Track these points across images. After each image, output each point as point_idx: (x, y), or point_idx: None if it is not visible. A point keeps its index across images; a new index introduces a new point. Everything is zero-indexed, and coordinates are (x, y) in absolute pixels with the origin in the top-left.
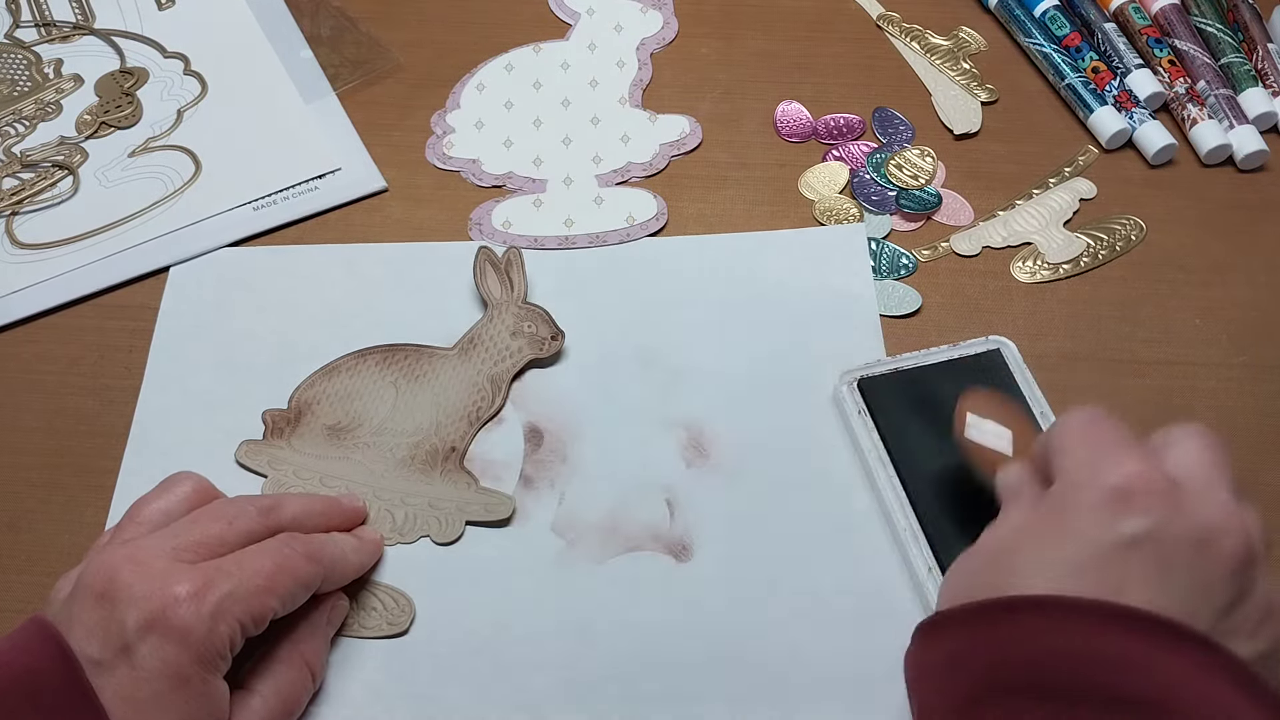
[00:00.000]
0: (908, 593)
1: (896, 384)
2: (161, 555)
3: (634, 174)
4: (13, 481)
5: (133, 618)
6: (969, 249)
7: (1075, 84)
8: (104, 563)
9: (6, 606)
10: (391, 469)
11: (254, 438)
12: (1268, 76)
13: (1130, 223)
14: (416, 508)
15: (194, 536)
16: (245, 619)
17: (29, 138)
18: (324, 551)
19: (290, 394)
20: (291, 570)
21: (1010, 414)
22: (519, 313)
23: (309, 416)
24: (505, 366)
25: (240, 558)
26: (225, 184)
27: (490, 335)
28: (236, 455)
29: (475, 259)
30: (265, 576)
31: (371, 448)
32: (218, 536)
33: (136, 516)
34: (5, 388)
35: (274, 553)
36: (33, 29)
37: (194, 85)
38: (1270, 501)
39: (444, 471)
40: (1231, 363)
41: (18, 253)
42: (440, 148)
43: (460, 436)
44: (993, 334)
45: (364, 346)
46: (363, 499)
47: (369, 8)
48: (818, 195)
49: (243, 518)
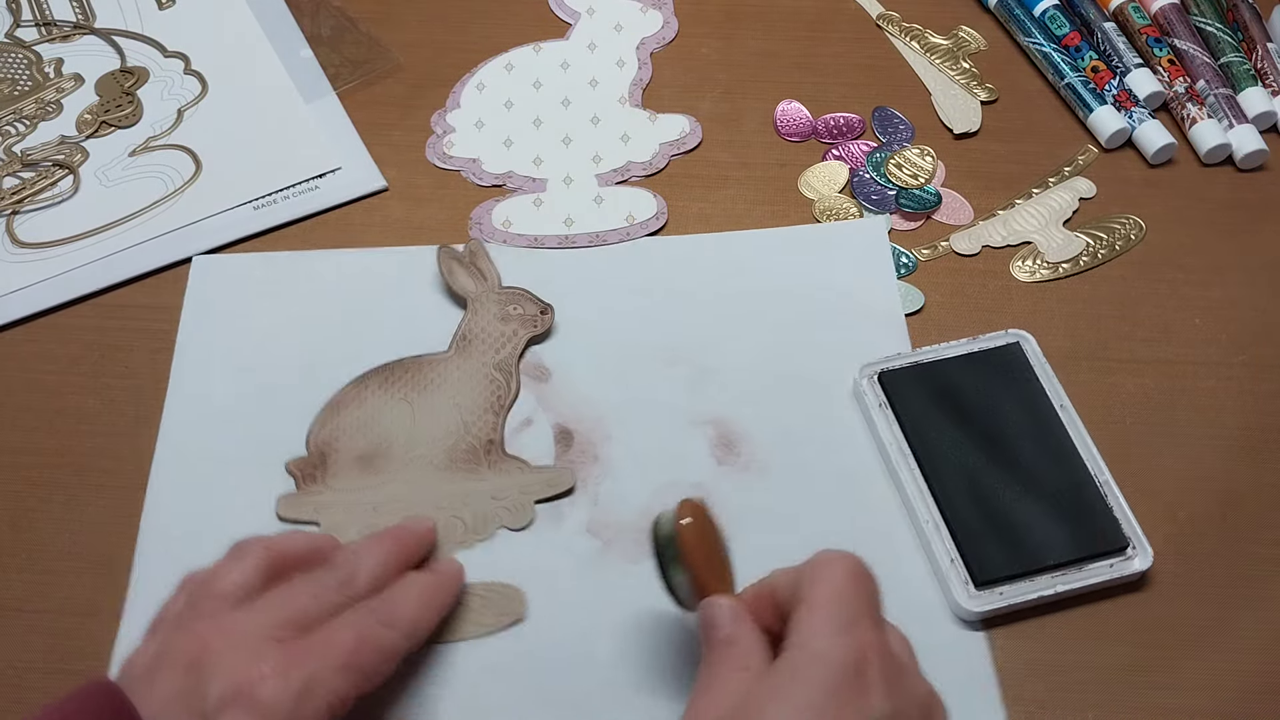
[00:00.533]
0: (930, 582)
1: (917, 377)
2: (253, 631)
3: (634, 173)
4: (13, 481)
5: (216, 690)
6: (969, 248)
7: (1075, 83)
8: (197, 634)
9: (6, 605)
10: (438, 478)
11: (283, 460)
12: (1267, 76)
13: (1130, 222)
14: (481, 505)
15: (282, 614)
16: (332, 698)
17: (29, 137)
18: (399, 615)
19: (306, 433)
20: (374, 641)
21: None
22: (500, 298)
23: (334, 455)
24: (507, 351)
25: (323, 634)
26: (225, 183)
27: (480, 327)
28: (278, 511)
29: (438, 262)
30: (349, 653)
31: (410, 465)
32: (304, 614)
33: (213, 590)
34: (5, 388)
35: (355, 625)
36: (33, 28)
37: (194, 85)
38: (1270, 502)
39: (491, 464)
40: (1231, 362)
41: (18, 252)
42: (440, 147)
43: (491, 428)
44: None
45: (362, 372)
46: (428, 517)
47: (369, 8)
48: (818, 194)
49: (325, 595)
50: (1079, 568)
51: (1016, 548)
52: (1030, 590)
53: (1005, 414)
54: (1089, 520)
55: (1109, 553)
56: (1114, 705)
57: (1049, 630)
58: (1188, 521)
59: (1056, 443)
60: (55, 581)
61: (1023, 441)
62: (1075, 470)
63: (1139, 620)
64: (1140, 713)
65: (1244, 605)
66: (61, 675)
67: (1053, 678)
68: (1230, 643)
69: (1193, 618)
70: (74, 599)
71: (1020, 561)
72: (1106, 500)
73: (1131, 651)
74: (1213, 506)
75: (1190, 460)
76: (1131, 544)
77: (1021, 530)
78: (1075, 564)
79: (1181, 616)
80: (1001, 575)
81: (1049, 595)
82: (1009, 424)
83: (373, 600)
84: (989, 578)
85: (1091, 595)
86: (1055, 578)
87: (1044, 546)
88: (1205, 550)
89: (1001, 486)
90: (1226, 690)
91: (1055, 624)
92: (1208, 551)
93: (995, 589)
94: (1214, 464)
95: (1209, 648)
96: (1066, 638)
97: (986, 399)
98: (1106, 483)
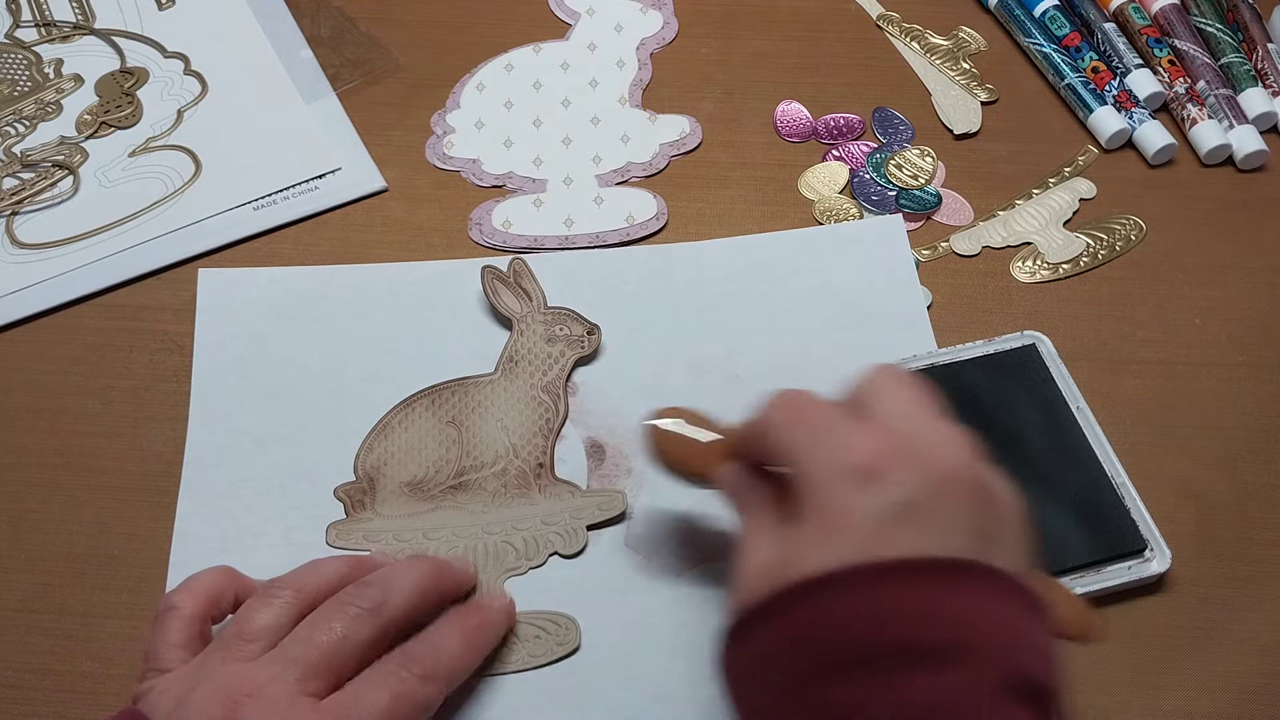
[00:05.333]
0: None
1: (933, 379)
2: (285, 690)
3: (634, 174)
4: (13, 481)
5: None
6: (969, 249)
7: (1075, 84)
8: (224, 687)
9: (6, 606)
10: (489, 503)
11: (309, 480)
12: (1267, 76)
13: (1130, 223)
14: (532, 530)
15: (312, 659)
16: None
17: (29, 137)
18: (439, 665)
19: (354, 458)
20: (410, 699)
21: (698, 422)
22: (546, 319)
23: (383, 480)
24: (554, 373)
25: (358, 693)
26: (225, 184)
27: (527, 348)
28: (328, 539)
29: (482, 281)
30: (384, 712)
31: (459, 490)
32: (335, 653)
33: (244, 633)
34: (5, 388)
35: (390, 681)
36: (33, 29)
37: (194, 85)
38: (1271, 502)
39: (542, 488)
40: (1231, 362)
41: (18, 253)
42: (440, 148)
43: (541, 451)
44: (997, 334)
45: (407, 393)
46: (468, 559)
47: (369, 8)
48: (818, 195)
49: (355, 626)
50: (1097, 570)
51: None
52: None
53: (1022, 416)
54: (1107, 522)
55: (1127, 555)
56: (1114, 705)
57: None
58: (1187, 522)
59: (1073, 444)
60: (55, 582)
61: (1039, 443)
62: (1092, 472)
63: (1139, 621)
64: (1140, 713)
65: (1244, 606)
66: (62, 675)
67: None
68: (1230, 643)
69: (1193, 618)
70: (74, 599)
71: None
72: (1124, 502)
73: (1131, 653)
74: (1213, 507)
75: (1190, 461)
76: (1150, 546)
77: (1039, 532)
78: (1093, 566)
79: (1181, 617)
80: None
81: None
82: (1025, 426)
83: (412, 646)
84: None
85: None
86: (1074, 580)
87: (1062, 549)
88: (1205, 551)
89: (1018, 488)
90: (1227, 691)
91: None
92: (1207, 552)
93: None
94: (1214, 464)
95: (1209, 648)
96: None
97: (1003, 401)
98: (1123, 484)
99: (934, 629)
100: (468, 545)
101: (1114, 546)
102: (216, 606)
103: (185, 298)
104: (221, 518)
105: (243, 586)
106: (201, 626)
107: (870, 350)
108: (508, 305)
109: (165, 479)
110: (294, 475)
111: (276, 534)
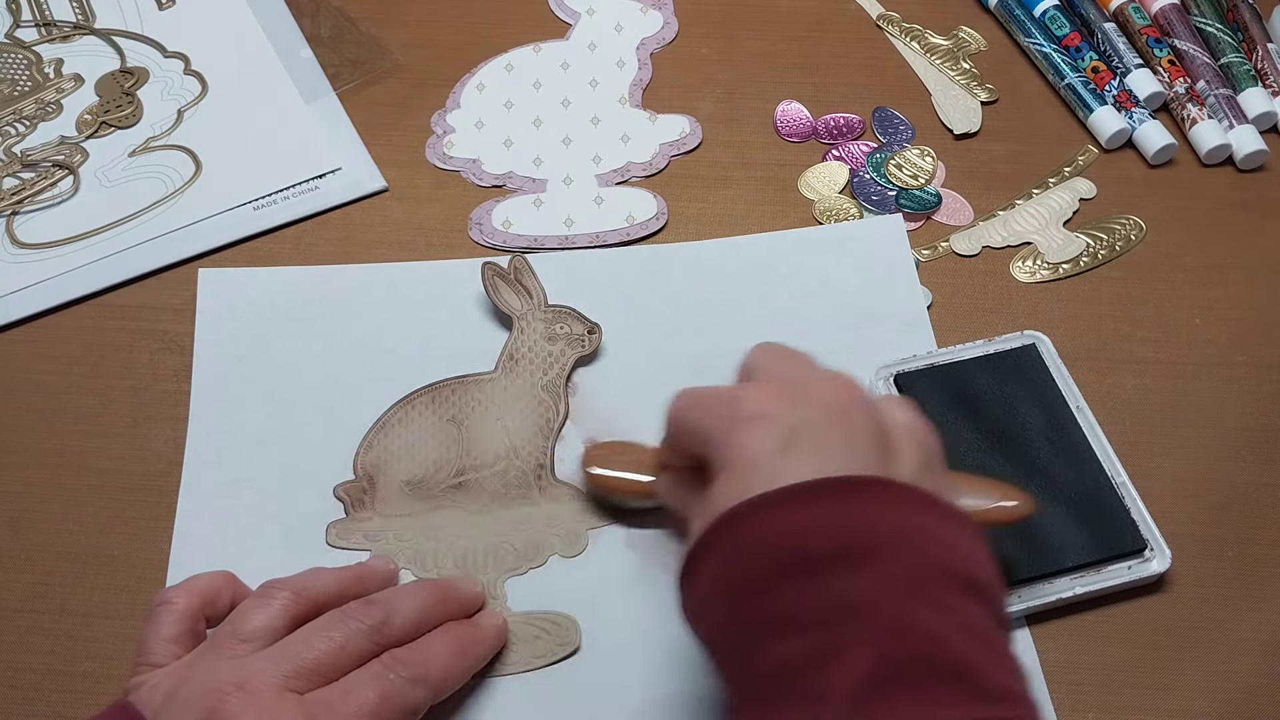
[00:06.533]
0: None
1: (933, 378)
2: (272, 684)
3: (634, 174)
4: (13, 481)
5: None
6: (969, 249)
7: (1075, 84)
8: (213, 683)
9: (6, 606)
10: (489, 504)
11: (309, 479)
12: (1267, 76)
13: (1130, 222)
14: (533, 531)
15: (305, 662)
16: None
17: (29, 137)
18: (429, 671)
19: (353, 457)
20: (398, 700)
21: (627, 451)
22: (547, 317)
23: (383, 478)
24: (555, 372)
25: (346, 688)
26: (225, 184)
27: (527, 347)
28: (328, 539)
29: (482, 277)
30: (371, 712)
31: (459, 489)
32: (330, 662)
33: (238, 632)
34: (5, 388)
35: (379, 681)
36: (33, 29)
37: (194, 85)
38: (1271, 502)
39: (542, 489)
40: (1231, 362)
41: (18, 253)
42: (440, 147)
43: (541, 452)
44: (997, 334)
45: (407, 392)
46: (476, 579)
47: (369, 8)
48: (818, 195)
49: (355, 640)
50: (1097, 569)
51: (1035, 550)
52: (1049, 592)
53: (1022, 415)
54: (1107, 522)
55: (1127, 554)
56: (1114, 706)
57: (1048, 631)
58: (1187, 522)
59: (1073, 444)
60: (55, 582)
61: (1040, 443)
62: (1092, 471)
63: (1139, 621)
64: (1140, 714)
65: (1244, 606)
66: (62, 675)
67: (1052, 677)
68: (1230, 644)
69: (1193, 618)
70: (74, 599)
71: (1039, 564)
72: (1124, 502)
73: (1131, 652)
74: (1212, 507)
75: (1190, 461)
76: (1150, 545)
77: (1039, 532)
78: (1093, 566)
79: (1181, 617)
80: (1020, 577)
81: (1068, 597)
82: (1026, 425)
83: (401, 651)
84: (1008, 580)
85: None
86: (1074, 579)
87: (1062, 549)
88: (1205, 551)
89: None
90: (1226, 691)
91: (1056, 625)
92: (1207, 552)
93: (1014, 592)
94: (1214, 465)
95: (1209, 648)
96: (1065, 638)
97: (1003, 400)
98: (1124, 484)
99: (839, 536)
100: (468, 545)
101: (1114, 546)
102: (211, 606)
103: (185, 298)
104: (221, 518)
105: (240, 591)
106: (194, 623)
107: (870, 350)
108: (508, 302)
109: (165, 479)
110: (294, 475)
111: (276, 534)
